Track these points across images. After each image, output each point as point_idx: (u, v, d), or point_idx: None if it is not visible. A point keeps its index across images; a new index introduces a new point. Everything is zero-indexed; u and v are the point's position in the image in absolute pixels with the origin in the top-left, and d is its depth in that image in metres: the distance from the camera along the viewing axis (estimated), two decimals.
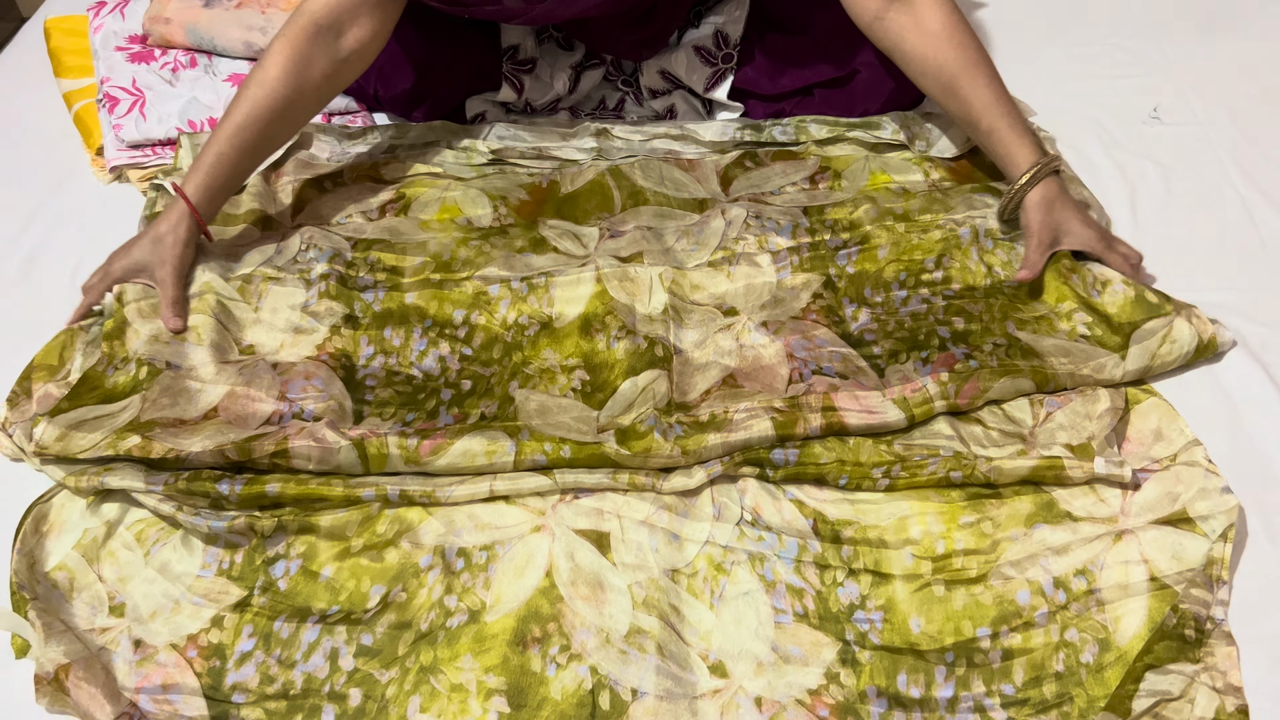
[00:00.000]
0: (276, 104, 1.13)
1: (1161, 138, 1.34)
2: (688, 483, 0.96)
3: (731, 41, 1.37)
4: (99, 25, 1.51)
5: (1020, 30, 1.52)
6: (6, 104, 1.49)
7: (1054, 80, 1.43)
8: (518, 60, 1.41)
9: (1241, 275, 1.16)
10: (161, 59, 1.47)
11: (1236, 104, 1.38)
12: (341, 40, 1.17)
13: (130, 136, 1.35)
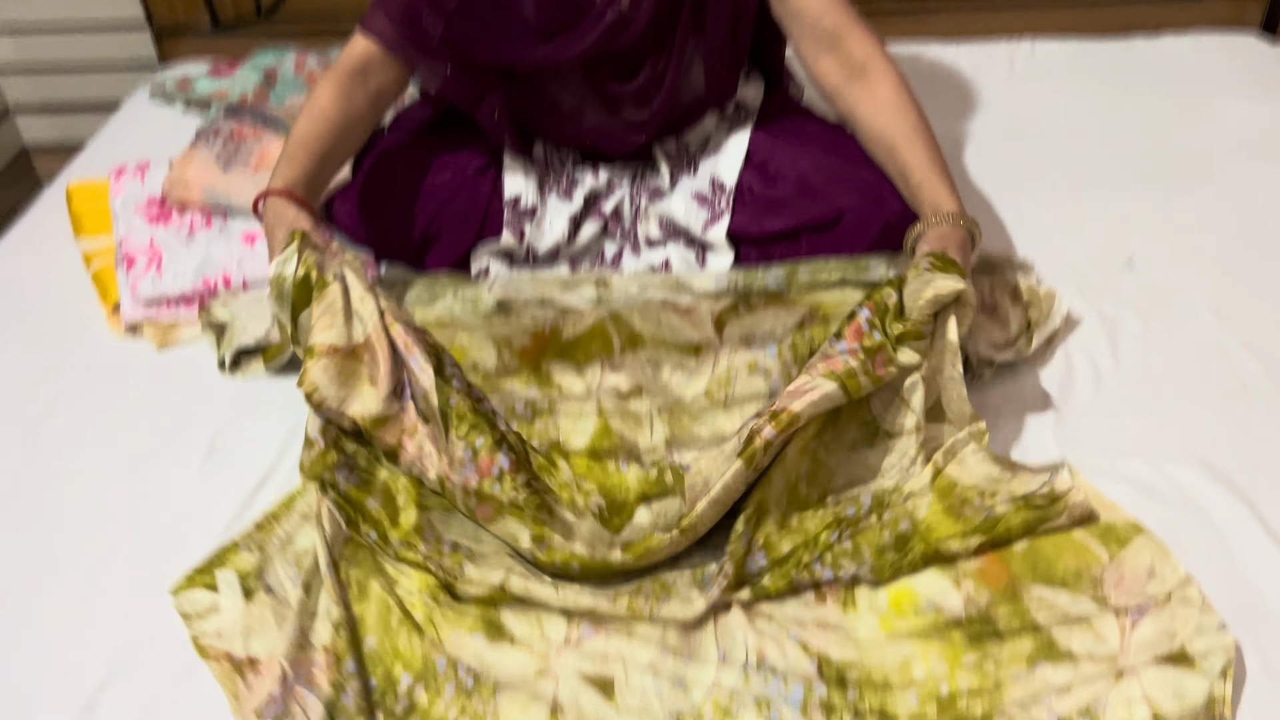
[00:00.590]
0: (330, 123, 1.35)
1: (1138, 285, 1.39)
2: (686, 611, 0.99)
3: (727, 188, 1.45)
4: (120, 189, 1.58)
5: (1002, 179, 1.60)
6: (27, 263, 1.55)
7: (1034, 228, 1.50)
8: (519, 209, 1.48)
9: (1224, 416, 1.19)
10: (178, 219, 1.53)
11: (1208, 253, 1.43)
12: (369, 81, 1.39)
13: (147, 293, 1.40)
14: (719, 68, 1.45)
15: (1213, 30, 1.95)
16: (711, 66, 1.43)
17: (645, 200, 1.49)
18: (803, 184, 1.41)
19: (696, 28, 1.39)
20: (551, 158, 1.52)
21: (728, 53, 1.44)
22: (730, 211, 1.43)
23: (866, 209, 1.37)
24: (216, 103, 1.85)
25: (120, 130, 1.88)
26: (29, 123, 2.28)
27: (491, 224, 1.47)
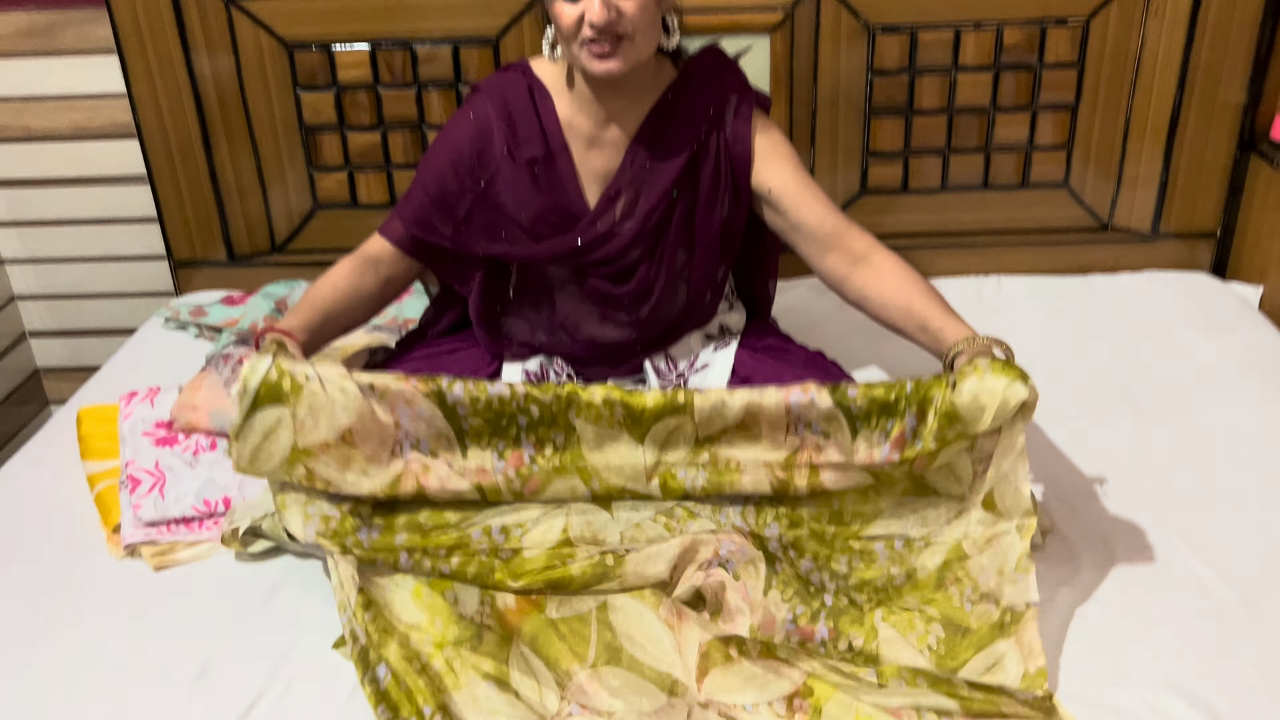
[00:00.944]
0: (340, 291, 1.48)
1: (1107, 512, 1.44)
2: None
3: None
4: (129, 413, 1.64)
5: None
6: (33, 484, 1.59)
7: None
8: None
9: (1201, 643, 1.21)
10: (184, 442, 1.59)
11: (1175, 482, 1.49)
12: (381, 270, 1.53)
13: (148, 515, 1.44)
14: (705, 281, 1.55)
15: (1166, 270, 2.09)
16: (698, 279, 1.54)
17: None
18: (794, 372, 1.49)
19: (686, 241, 1.51)
20: (547, 372, 1.60)
21: (714, 264, 1.55)
22: None
23: None
24: (228, 330, 1.94)
25: (134, 355, 1.96)
26: (43, 345, 2.38)
27: None
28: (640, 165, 1.47)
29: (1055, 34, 1.93)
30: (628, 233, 1.48)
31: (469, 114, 1.49)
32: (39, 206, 2.22)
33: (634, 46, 1.35)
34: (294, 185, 2.09)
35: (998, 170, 2.04)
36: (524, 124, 1.47)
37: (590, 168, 1.49)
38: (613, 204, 1.48)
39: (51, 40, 2.06)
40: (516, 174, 1.47)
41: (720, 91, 1.48)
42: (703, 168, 1.48)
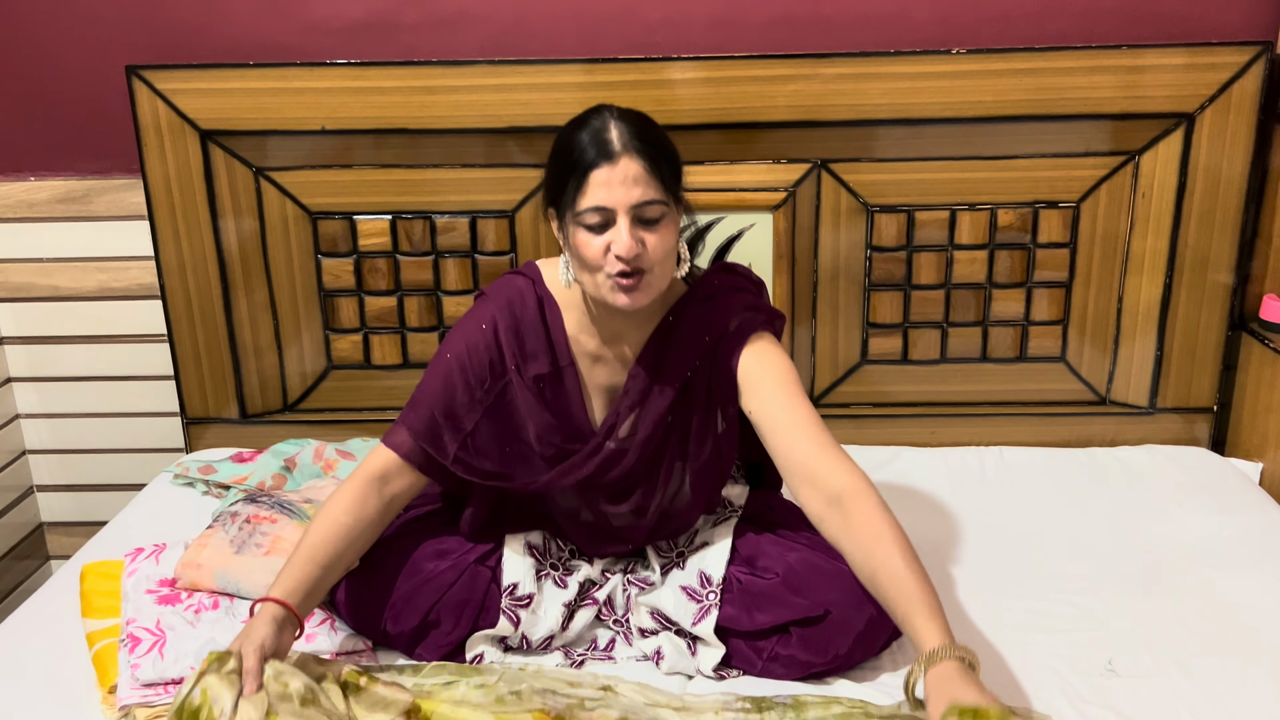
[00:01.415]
0: (341, 529, 1.43)
1: (1119, 690, 1.42)
2: None
3: (714, 582, 1.51)
4: (134, 570, 1.64)
5: (980, 583, 1.67)
6: (32, 640, 1.58)
7: (1015, 631, 1.55)
8: (516, 596, 1.53)
9: None
10: (187, 601, 1.58)
11: (1184, 657, 1.48)
12: (387, 487, 1.49)
13: (146, 676, 1.42)
14: (704, 486, 1.56)
15: (1166, 445, 2.11)
16: (697, 485, 1.55)
17: (636, 592, 1.55)
18: (790, 577, 1.48)
19: (681, 453, 1.52)
20: (549, 545, 1.60)
21: (713, 472, 1.55)
22: (719, 604, 1.49)
23: (851, 605, 1.43)
24: (236, 488, 1.96)
25: (141, 511, 1.97)
26: (49, 499, 2.39)
27: (488, 612, 1.52)
28: (641, 389, 1.49)
29: (1047, 215, 2.01)
30: (627, 461, 1.49)
31: (479, 324, 1.50)
32: (59, 363, 2.27)
33: (654, 279, 1.38)
34: (309, 346, 2.14)
35: (996, 343, 2.10)
36: (532, 339, 1.49)
37: (595, 382, 1.52)
38: (615, 429, 1.50)
39: (86, 206, 2.15)
40: (523, 390, 1.48)
41: (719, 318, 1.49)
42: (695, 396, 1.50)
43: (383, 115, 1.98)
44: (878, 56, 1.92)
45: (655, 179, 1.34)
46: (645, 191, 1.34)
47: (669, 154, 1.39)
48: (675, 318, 1.50)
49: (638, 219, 1.34)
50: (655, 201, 1.34)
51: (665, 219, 1.36)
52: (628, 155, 1.33)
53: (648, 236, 1.35)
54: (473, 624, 1.51)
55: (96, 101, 2.08)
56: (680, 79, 1.93)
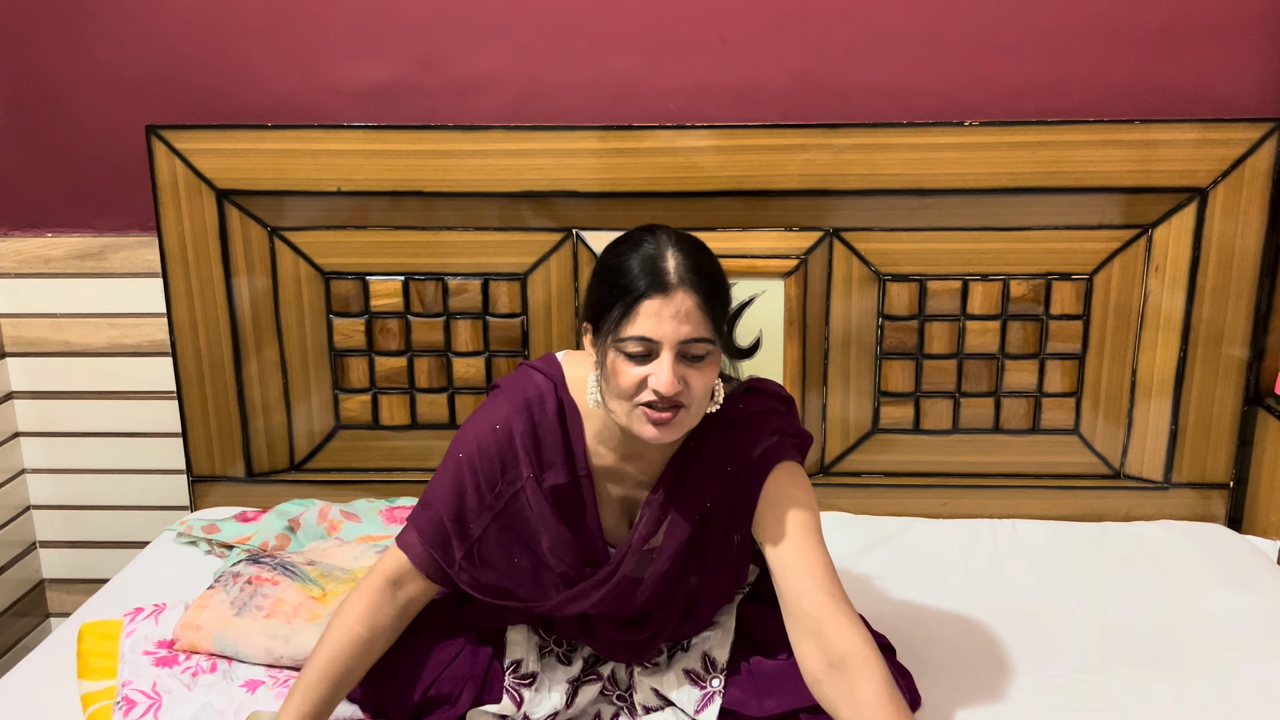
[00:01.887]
0: (355, 641, 1.38)
1: None
2: None
3: (719, 665, 1.48)
4: (132, 630, 1.62)
5: (994, 662, 1.63)
6: (27, 701, 1.55)
7: (1028, 710, 1.51)
8: (519, 674, 1.50)
9: None
10: (185, 663, 1.56)
11: None
12: (400, 591, 1.43)
13: None
14: (717, 602, 1.50)
15: (1181, 521, 2.08)
16: (710, 603, 1.49)
17: (640, 670, 1.52)
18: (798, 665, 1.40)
19: (698, 577, 1.45)
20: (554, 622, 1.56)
21: (727, 589, 1.49)
22: (724, 689, 1.45)
23: None
24: (239, 548, 1.94)
25: (142, 569, 1.95)
26: (51, 555, 2.37)
27: (491, 689, 1.49)
28: (657, 518, 1.41)
29: (1060, 287, 2.01)
30: (641, 592, 1.42)
31: (492, 425, 1.41)
32: (67, 419, 2.27)
33: (688, 415, 1.31)
34: (318, 405, 2.14)
35: (1008, 415, 2.08)
36: (550, 447, 1.41)
37: (610, 495, 1.45)
38: (629, 553, 1.41)
39: (101, 262, 2.16)
40: (539, 499, 1.40)
41: (745, 445, 1.41)
42: (714, 526, 1.42)
43: (398, 178, 2.00)
44: (890, 127, 1.93)
45: (707, 317, 1.27)
46: (696, 329, 1.27)
47: (722, 289, 1.32)
48: (696, 443, 1.41)
49: (682, 355, 1.27)
50: (704, 339, 1.28)
51: (709, 357, 1.29)
52: (684, 289, 1.26)
53: (690, 374, 1.28)
54: (475, 699, 1.48)
55: (115, 160, 2.10)
56: (695, 146, 1.95)
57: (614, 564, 1.41)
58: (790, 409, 1.50)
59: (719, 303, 1.30)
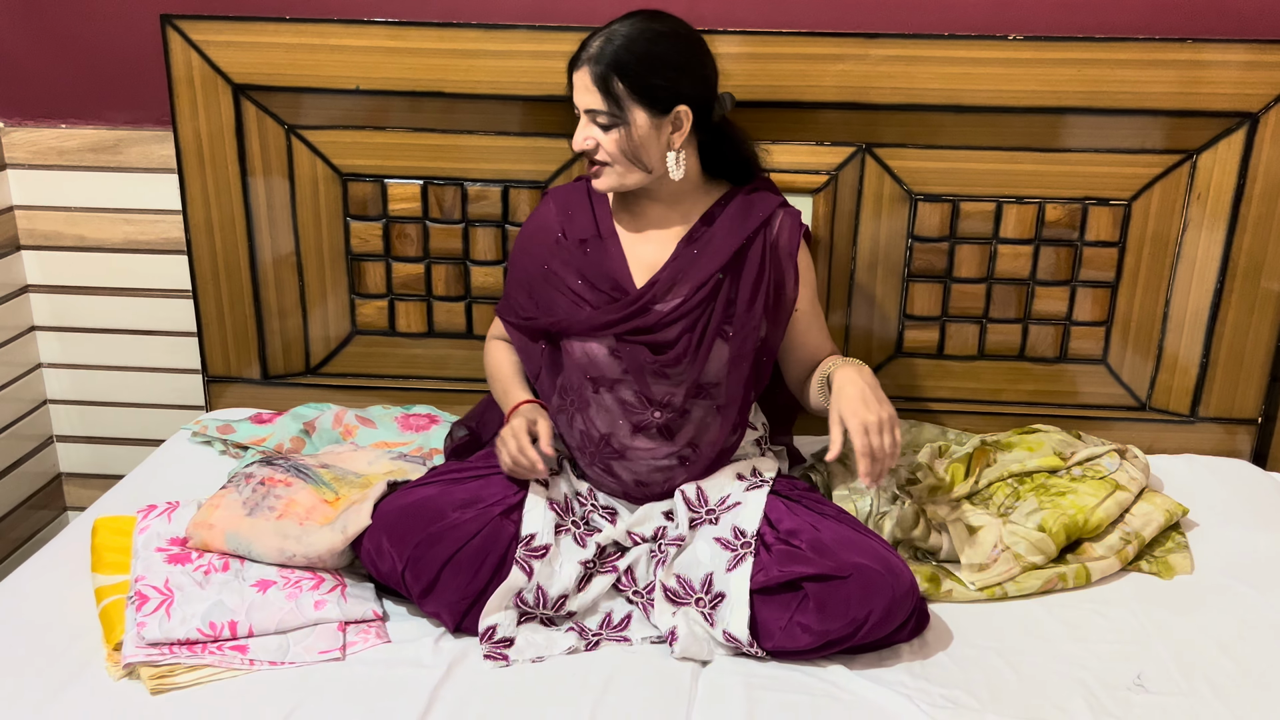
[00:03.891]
0: (511, 362, 1.78)
1: (1148, 706, 1.37)
2: None
3: (748, 534, 1.52)
4: (145, 526, 1.63)
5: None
6: (41, 593, 1.56)
7: (1042, 640, 1.51)
8: (532, 547, 1.52)
9: None
10: (197, 561, 1.56)
11: (1216, 676, 1.43)
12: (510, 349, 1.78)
13: (151, 635, 1.40)
14: (740, 373, 1.62)
15: (1205, 455, 2.05)
16: (735, 365, 1.61)
17: (674, 552, 1.54)
18: (818, 545, 1.48)
19: (725, 333, 1.61)
20: (571, 504, 1.61)
21: (750, 360, 1.63)
22: (752, 555, 1.49)
23: (878, 571, 1.43)
24: (254, 449, 1.93)
25: (157, 467, 1.95)
26: (68, 450, 2.38)
27: (506, 567, 1.52)
28: (686, 258, 1.62)
29: (1097, 213, 1.95)
30: (672, 305, 1.60)
31: (537, 213, 1.74)
32: (83, 314, 2.25)
33: (614, 172, 1.58)
34: (334, 310, 2.11)
35: (1035, 342, 2.04)
36: (578, 214, 1.68)
37: (639, 255, 1.65)
38: (657, 285, 1.61)
39: (116, 156, 2.13)
40: (570, 250, 1.67)
41: (767, 203, 1.66)
42: (748, 259, 1.62)
43: (418, 77, 1.94)
44: (930, 39, 1.86)
45: (601, 94, 1.52)
46: (594, 102, 1.53)
47: (636, 75, 1.52)
48: (722, 206, 1.65)
49: (593, 121, 1.55)
50: (600, 112, 1.53)
51: (613, 128, 1.54)
52: (589, 65, 1.53)
53: (599, 136, 1.55)
54: (491, 576, 1.51)
55: (130, 50, 2.05)
56: (725, 53, 1.86)
57: (645, 286, 1.62)
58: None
59: (630, 82, 1.52)
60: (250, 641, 1.44)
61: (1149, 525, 1.71)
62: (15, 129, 2.13)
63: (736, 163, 1.68)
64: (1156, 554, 1.70)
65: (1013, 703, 1.38)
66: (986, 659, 1.47)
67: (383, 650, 1.47)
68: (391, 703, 1.36)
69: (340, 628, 1.48)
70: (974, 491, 1.79)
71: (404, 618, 1.54)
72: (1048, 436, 1.93)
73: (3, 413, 2.22)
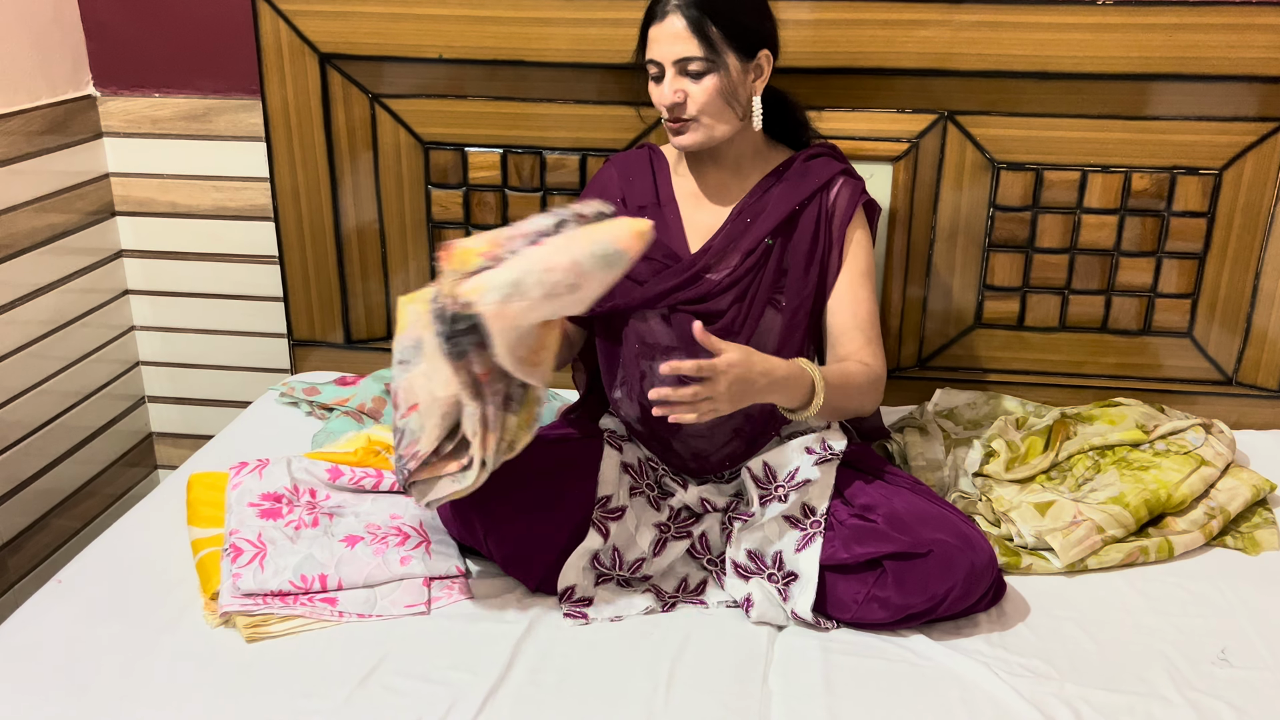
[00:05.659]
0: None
1: (1233, 681, 1.35)
2: None
3: (818, 512, 1.51)
4: (238, 483, 1.68)
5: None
6: (138, 546, 1.62)
7: (1124, 613, 1.50)
8: (608, 509, 1.54)
9: None
10: (288, 516, 1.61)
11: None
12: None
13: (247, 586, 1.45)
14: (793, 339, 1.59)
15: None
16: (787, 334, 1.58)
17: (739, 526, 1.54)
18: (893, 519, 1.46)
19: (775, 300, 1.58)
20: (645, 468, 1.62)
21: (804, 326, 1.60)
22: (822, 534, 1.48)
23: (955, 546, 1.41)
24: (338, 409, 1.98)
25: (246, 427, 2.02)
26: (159, 410, 2.46)
27: (585, 529, 1.54)
28: (740, 225, 1.60)
29: (1185, 182, 1.91)
30: (723, 274, 1.58)
31: (599, 177, 1.73)
32: (173, 279, 2.32)
33: (702, 126, 1.53)
34: (415, 276, 2.15)
35: (1119, 314, 2.00)
36: (639, 181, 1.67)
37: (696, 222, 1.63)
38: (710, 252, 1.60)
39: (206, 124, 2.18)
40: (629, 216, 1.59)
41: (827, 168, 1.62)
42: (800, 225, 1.60)
43: (497, 46, 1.96)
44: (1016, 5, 1.82)
45: (697, 37, 1.48)
46: (687, 48, 1.48)
47: (725, 15, 1.49)
48: (783, 170, 1.63)
49: (683, 72, 1.50)
50: (695, 59, 1.49)
51: (710, 75, 1.50)
52: (674, 14, 1.49)
53: (690, 88, 1.51)
54: (569, 538, 1.53)
55: (220, 19, 2.09)
56: (805, 20, 1.87)
57: (699, 252, 1.60)
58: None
59: (721, 23, 1.48)
60: (339, 594, 1.49)
61: (1235, 500, 1.69)
62: (111, 98, 2.20)
63: (793, 125, 1.66)
64: (1243, 529, 1.67)
65: (1092, 673, 1.37)
66: (1065, 629, 1.46)
67: (466, 606, 1.50)
68: (475, 655, 1.39)
69: (425, 583, 1.52)
70: (1054, 464, 1.77)
71: (487, 575, 1.58)
72: (1130, 410, 1.90)
73: (98, 374, 2.30)
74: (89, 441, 2.29)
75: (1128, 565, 1.60)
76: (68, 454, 2.24)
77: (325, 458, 1.73)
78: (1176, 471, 1.70)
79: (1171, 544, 1.61)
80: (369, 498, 1.68)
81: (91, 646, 1.39)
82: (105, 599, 1.49)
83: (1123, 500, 1.64)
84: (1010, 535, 1.63)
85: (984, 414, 1.96)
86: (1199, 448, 1.77)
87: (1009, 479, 1.74)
